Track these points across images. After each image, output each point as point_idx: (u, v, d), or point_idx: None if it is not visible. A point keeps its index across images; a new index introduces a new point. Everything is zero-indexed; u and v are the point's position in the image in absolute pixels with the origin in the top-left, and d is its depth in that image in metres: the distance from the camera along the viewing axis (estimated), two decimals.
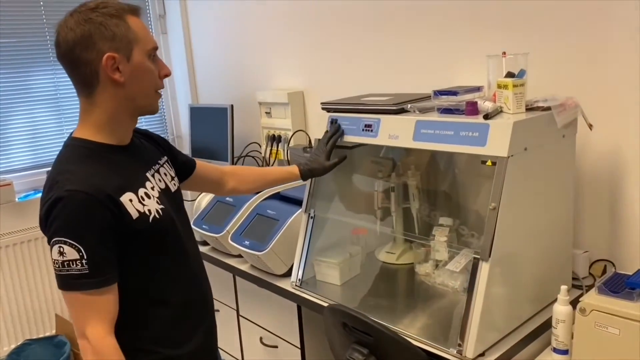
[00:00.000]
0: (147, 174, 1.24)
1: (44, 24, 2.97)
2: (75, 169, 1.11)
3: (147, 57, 1.16)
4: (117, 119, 1.17)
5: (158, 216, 1.18)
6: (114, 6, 1.14)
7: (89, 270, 1.07)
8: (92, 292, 1.08)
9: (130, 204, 1.13)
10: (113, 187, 1.11)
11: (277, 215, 1.91)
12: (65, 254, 1.06)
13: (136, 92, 1.16)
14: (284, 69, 2.76)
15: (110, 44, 1.11)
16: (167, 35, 3.45)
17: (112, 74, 1.12)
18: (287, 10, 2.64)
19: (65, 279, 1.08)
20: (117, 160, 1.17)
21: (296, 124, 2.63)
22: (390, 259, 1.91)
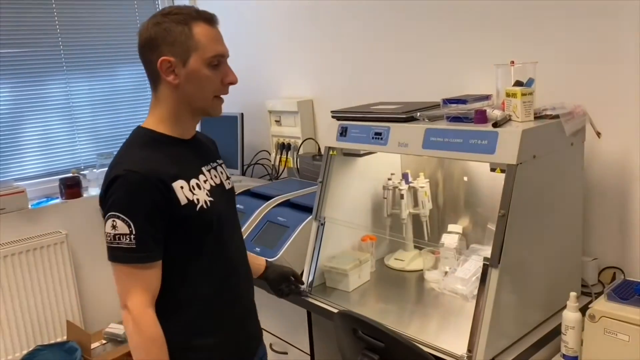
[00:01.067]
0: (203, 168, 1.32)
1: (57, 34, 3.02)
2: (136, 153, 1.22)
3: (204, 64, 1.23)
4: (177, 115, 1.27)
5: (205, 207, 1.25)
6: (184, 13, 1.22)
7: (136, 246, 1.16)
8: (137, 266, 1.17)
9: (180, 191, 1.21)
10: (167, 172, 1.20)
11: (288, 222, 1.93)
12: (117, 227, 1.15)
13: (191, 95, 1.25)
14: (294, 78, 2.79)
15: (169, 48, 1.21)
16: None
17: (166, 76, 1.22)
18: (297, 21, 2.67)
19: (114, 251, 1.17)
20: (174, 151, 1.26)
21: (305, 132, 2.66)
22: (399, 265, 1.92)
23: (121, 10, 3.26)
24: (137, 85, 3.37)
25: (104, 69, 3.22)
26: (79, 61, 3.11)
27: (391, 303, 1.73)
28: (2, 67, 2.86)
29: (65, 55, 3.06)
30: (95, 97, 3.20)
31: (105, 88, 3.23)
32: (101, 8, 3.17)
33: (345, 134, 1.75)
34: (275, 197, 2.12)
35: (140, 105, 3.39)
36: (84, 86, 3.15)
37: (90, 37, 3.14)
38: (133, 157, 1.21)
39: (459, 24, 1.98)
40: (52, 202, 2.99)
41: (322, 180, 1.83)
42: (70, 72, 3.09)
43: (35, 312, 2.87)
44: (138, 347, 1.18)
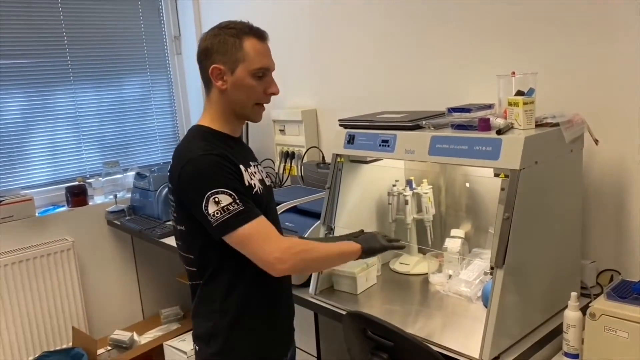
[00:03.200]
0: (250, 162, 1.47)
1: (65, 45, 3.08)
2: (201, 142, 1.35)
3: (250, 75, 1.37)
4: (225, 116, 1.42)
5: (259, 192, 1.41)
6: (238, 28, 1.38)
7: (243, 207, 1.29)
8: (255, 221, 1.30)
9: (245, 173, 1.37)
10: (234, 156, 1.36)
11: (296, 227, 1.99)
12: (220, 201, 1.28)
13: (235, 100, 1.39)
14: (297, 88, 2.86)
15: (221, 57, 1.36)
16: (181, 55, 3.56)
17: (216, 81, 1.38)
18: (299, 32, 2.75)
19: (229, 221, 1.28)
20: (231, 144, 1.42)
21: (309, 140, 2.72)
22: (404, 269, 1.98)
23: (127, 22, 3.32)
24: (142, 95, 3.43)
25: (110, 79, 3.28)
26: (85, 72, 3.17)
27: (397, 304, 1.78)
28: (11, 77, 2.92)
29: (72, 66, 3.12)
30: (102, 106, 3.26)
31: (111, 98, 3.29)
32: (107, 20, 3.23)
33: (352, 142, 1.82)
34: (283, 204, 2.17)
35: (145, 115, 3.45)
36: (91, 96, 3.21)
37: (97, 48, 3.20)
38: (201, 146, 1.34)
39: (460, 35, 2.06)
40: (58, 209, 3.04)
41: (330, 186, 1.89)
42: (77, 83, 3.14)
43: (41, 318, 2.90)
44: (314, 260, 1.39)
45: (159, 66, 3.49)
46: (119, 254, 3.25)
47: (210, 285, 1.43)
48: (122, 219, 3.05)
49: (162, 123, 3.55)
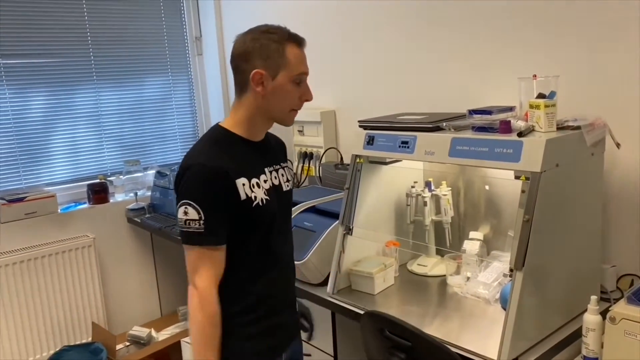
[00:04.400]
0: (266, 168, 1.46)
1: (88, 45, 3.13)
2: (208, 149, 1.39)
3: (290, 81, 1.38)
4: (253, 120, 1.42)
5: (261, 204, 1.39)
6: (279, 34, 1.38)
7: (204, 230, 1.31)
8: (205, 248, 1.33)
9: (242, 187, 1.36)
10: (232, 169, 1.35)
11: (314, 227, 2.01)
12: (188, 213, 1.31)
13: (272, 106, 1.40)
14: (316, 89, 2.83)
15: (263, 62, 1.36)
16: (202, 56, 3.60)
17: (255, 86, 1.36)
18: (319, 33, 2.77)
19: (186, 234, 1.33)
20: (243, 151, 1.41)
21: (328, 141, 2.74)
22: (422, 270, 1.99)
23: (149, 23, 3.37)
24: (163, 95, 3.48)
25: (131, 79, 3.33)
26: (108, 71, 3.22)
27: (415, 305, 1.79)
28: (36, 76, 2.98)
29: (95, 66, 3.17)
30: (123, 106, 3.31)
31: (132, 97, 3.34)
32: (130, 21, 3.28)
33: (372, 143, 1.83)
34: (301, 204, 2.19)
35: (165, 114, 3.50)
36: (113, 95, 3.26)
37: (120, 48, 3.26)
38: (204, 153, 1.37)
39: (481, 38, 2.06)
40: (80, 206, 3.09)
41: (349, 186, 1.91)
42: (99, 82, 3.20)
43: (62, 313, 2.96)
44: (196, 323, 1.33)
45: (180, 67, 3.54)
46: (139, 251, 3.29)
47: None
48: (142, 217, 3.09)
49: (182, 122, 3.59)
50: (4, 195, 2.86)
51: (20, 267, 2.82)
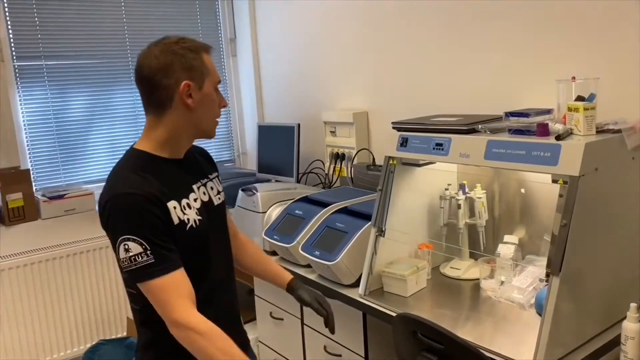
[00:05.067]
0: (194, 185, 1.38)
1: (126, 46, 3.21)
2: (131, 175, 1.27)
3: (213, 88, 1.34)
4: (176, 137, 1.34)
5: (194, 226, 1.32)
6: (192, 43, 1.32)
7: (154, 260, 1.21)
8: (164, 277, 1.21)
9: (173, 211, 1.28)
10: (161, 193, 1.26)
11: (346, 228, 2.01)
12: (130, 249, 1.20)
13: (202, 118, 1.33)
14: (349, 90, 2.88)
15: (187, 73, 1.28)
16: (236, 57, 3.65)
17: (185, 99, 1.29)
18: (352, 33, 2.77)
19: (136, 272, 1.21)
20: (168, 172, 1.32)
21: (360, 142, 2.74)
22: (455, 274, 1.97)
23: (185, 25, 3.44)
24: None
25: None
26: None
27: (447, 308, 1.78)
28: (76, 77, 3.07)
29: (132, 67, 3.23)
30: None
31: None
32: (167, 22, 3.35)
33: (405, 145, 1.83)
34: (333, 204, 2.20)
35: None
36: None
37: None
38: (128, 180, 1.26)
39: (517, 38, 2.03)
40: None
41: (382, 188, 1.90)
42: None
43: (98, 308, 3.04)
44: (207, 349, 1.21)
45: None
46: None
47: (142, 327, 1.38)
48: None
49: None
50: (45, 192, 2.96)
51: (60, 262, 2.91)
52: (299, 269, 2.19)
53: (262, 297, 2.56)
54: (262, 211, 2.40)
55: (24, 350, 2.86)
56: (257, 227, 2.41)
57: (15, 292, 2.80)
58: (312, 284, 2.09)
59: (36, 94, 2.93)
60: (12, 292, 2.79)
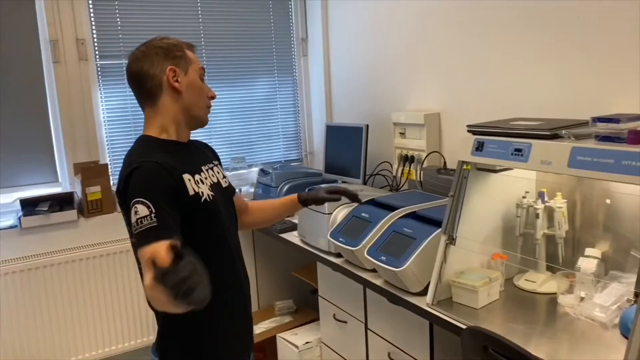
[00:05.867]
0: (202, 166, 1.49)
1: (202, 46, 3.29)
2: (148, 151, 1.39)
3: (198, 75, 1.46)
4: (176, 121, 1.45)
5: (209, 200, 1.41)
6: (174, 40, 1.47)
7: (157, 223, 1.24)
8: (157, 244, 1.20)
9: (188, 182, 1.37)
10: (177, 165, 1.37)
11: (414, 233, 1.95)
12: (138, 212, 1.25)
13: (191, 102, 1.45)
14: (420, 91, 2.81)
15: (172, 61, 1.42)
16: (307, 57, 3.65)
17: (172, 83, 1.41)
18: (425, 32, 2.70)
19: (140, 236, 1.24)
20: (179, 151, 1.44)
21: (431, 145, 2.66)
22: (530, 287, 1.87)
23: (259, 25, 3.48)
24: (269, 96, 3.57)
25: (240, 79, 3.46)
26: (219, 72, 3.37)
27: (520, 323, 1.68)
28: None
29: (207, 66, 3.32)
30: (232, 105, 3.45)
31: (240, 97, 3.47)
32: (241, 23, 3.41)
33: (481, 149, 1.74)
34: (401, 208, 2.15)
35: (270, 114, 3.60)
36: (223, 94, 3.40)
37: (230, 49, 3.40)
38: (146, 154, 1.36)
39: (604, 38, 1.89)
40: None
41: (454, 194, 1.83)
42: (211, 82, 3.33)
43: None
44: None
45: (285, 67, 3.62)
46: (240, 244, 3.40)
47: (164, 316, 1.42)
48: None
49: (286, 122, 3.67)
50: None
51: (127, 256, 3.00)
52: (364, 273, 2.15)
53: (326, 298, 2.54)
54: (327, 212, 2.37)
55: (98, 339, 2.99)
56: (322, 228, 2.39)
57: (92, 280, 2.93)
58: (378, 289, 2.05)
59: (116, 92, 3.05)
60: (89, 280, 2.92)
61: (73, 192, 2.91)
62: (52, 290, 2.82)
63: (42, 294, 2.80)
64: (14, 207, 2.81)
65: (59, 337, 2.86)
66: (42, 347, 2.83)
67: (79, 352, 2.92)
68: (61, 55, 2.88)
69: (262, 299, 3.50)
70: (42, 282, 2.80)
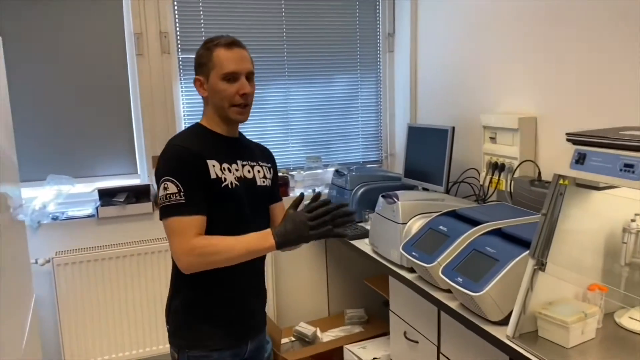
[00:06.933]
0: (238, 160, 1.63)
1: (283, 41, 3.20)
2: (183, 136, 1.63)
3: (220, 80, 1.57)
4: (213, 117, 1.64)
5: (230, 187, 1.56)
6: (212, 41, 1.60)
7: (185, 200, 1.47)
8: (189, 217, 1.46)
9: (212, 168, 1.54)
10: (205, 151, 1.55)
11: (498, 254, 1.72)
12: (168, 188, 1.47)
13: (216, 104, 1.60)
14: (514, 91, 2.53)
15: (199, 70, 1.62)
16: (393, 53, 3.46)
17: (199, 90, 1.64)
18: (521, 28, 2.42)
19: (167, 208, 1.47)
20: (215, 141, 1.61)
21: (525, 152, 2.39)
22: (635, 326, 1.57)
23: (343, 19, 3.34)
24: (350, 93, 3.42)
25: (321, 76, 3.33)
26: (299, 68, 3.27)
27: None
28: None
29: (288, 62, 3.23)
30: (310, 102, 3.33)
31: (320, 94, 3.35)
32: (325, 17, 3.29)
33: (582, 162, 1.48)
34: (485, 224, 1.91)
35: (350, 113, 3.44)
36: (301, 92, 3.30)
37: (312, 45, 3.28)
38: (182, 138, 1.60)
39: None
40: None
41: (546, 212, 1.58)
42: (290, 78, 3.25)
43: None
44: (224, 259, 1.46)
45: (369, 64, 3.44)
46: (312, 247, 3.29)
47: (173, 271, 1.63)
48: None
49: (366, 122, 3.50)
50: None
51: None
52: (438, 293, 1.94)
53: (398, 313, 2.36)
54: (402, 222, 2.18)
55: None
56: (394, 239, 2.20)
57: (163, 274, 2.93)
58: (452, 313, 1.84)
59: None
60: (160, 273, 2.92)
61: (149, 185, 2.93)
62: (123, 280, 2.85)
63: (114, 283, 2.84)
64: (93, 197, 2.87)
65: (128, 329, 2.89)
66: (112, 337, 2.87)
67: (153, 344, 2.94)
68: (144, 49, 2.89)
69: (333, 306, 3.37)
70: (114, 272, 2.83)
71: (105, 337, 2.85)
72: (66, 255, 2.75)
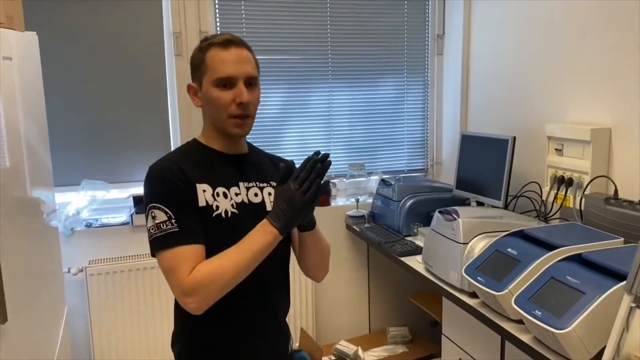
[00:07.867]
0: (240, 183, 1.36)
1: (327, 42, 3.04)
2: (170, 155, 1.36)
3: (212, 86, 1.30)
4: (210, 131, 1.38)
5: (224, 216, 1.30)
6: (207, 40, 1.34)
7: (179, 228, 1.23)
8: (185, 248, 1.22)
9: (202, 193, 1.29)
10: (193, 173, 1.29)
11: (582, 285, 1.51)
12: (156, 217, 1.23)
13: (210, 115, 1.35)
14: (584, 99, 2.32)
15: (193, 74, 1.37)
16: (442, 56, 3.26)
17: (193, 100, 1.38)
18: (593, 30, 2.20)
19: (159, 240, 1.22)
20: (210, 161, 1.36)
21: (597, 167, 2.17)
22: None
23: (390, 20, 3.16)
24: (395, 98, 3.24)
25: (366, 79, 3.16)
26: (343, 71, 3.11)
27: None
28: (276, 72, 2.98)
29: (332, 64, 3.07)
30: (354, 107, 3.17)
31: (364, 99, 3.18)
32: (371, 18, 3.12)
33: None
34: (561, 248, 1.71)
35: (395, 118, 3.26)
36: (345, 96, 3.14)
37: (357, 47, 3.12)
38: (168, 157, 1.34)
39: None
40: None
41: None
42: (334, 81, 3.09)
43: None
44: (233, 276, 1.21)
45: (416, 67, 3.25)
46: (354, 260, 3.12)
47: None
48: (362, 226, 2.90)
49: (412, 128, 3.31)
50: None
51: None
52: (506, 323, 1.75)
53: (451, 338, 2.17)
54: (463, 242, 1.99)
55: None
56: (454, 259, 2.01)
57: None
58: (524, 348, 1.65)
59: None
60: None
61: None
62: (157, 291, 2.71)
63: (148, 293, 2.70)
64: (128, 203, 2.75)
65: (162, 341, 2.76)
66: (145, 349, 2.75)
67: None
68: (183, 49, 2.76)
69: (374, 323, 3.20)
70: (148, 283, 2.69)
71: (138, 350, 2.72)
72: (99, 264, 2.63)
